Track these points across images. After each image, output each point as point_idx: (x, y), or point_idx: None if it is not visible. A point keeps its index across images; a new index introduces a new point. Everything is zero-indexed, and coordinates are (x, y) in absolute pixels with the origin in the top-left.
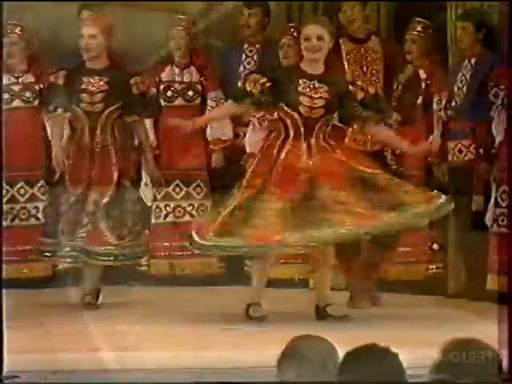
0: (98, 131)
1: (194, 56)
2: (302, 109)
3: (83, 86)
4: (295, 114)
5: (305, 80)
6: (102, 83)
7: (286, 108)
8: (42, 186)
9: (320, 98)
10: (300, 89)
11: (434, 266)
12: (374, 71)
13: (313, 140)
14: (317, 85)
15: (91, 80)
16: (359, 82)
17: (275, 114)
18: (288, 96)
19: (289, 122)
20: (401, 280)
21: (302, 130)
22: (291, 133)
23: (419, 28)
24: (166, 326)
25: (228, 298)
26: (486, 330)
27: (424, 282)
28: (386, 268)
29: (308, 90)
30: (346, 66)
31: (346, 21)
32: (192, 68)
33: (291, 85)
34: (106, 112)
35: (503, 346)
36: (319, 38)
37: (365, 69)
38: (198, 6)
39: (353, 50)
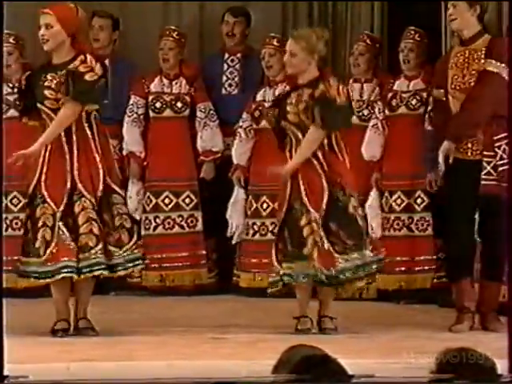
0: (73, 128)
1: (184, 67)
2: (289, 116)
3: (46, 84)
4: (286, 123)
5: (295, 90)
6: (62, 78)
7: (282, 121)
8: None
9: (303, 101)
10: (289, 100)
11: (441, 275)
12: (473, 71)
13: None
14: (301, 92)
15: (54, 75)
16: (458, 86)
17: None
18: (282, 108)
19: (289, 132)
20: (407, 289)
21: (299, 136)
22: (293, 141)
23: (417, 37)
24: (159, 335)
25: (219, 308)
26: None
27: (431, 291)
28: None
29: (294, 99)
30: (449, 72)
31: (448, 20)
32: (181, 79)
33: (286, 100)
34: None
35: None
36: (292, 55)
37: (465, 71)
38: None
39: (458, 53)
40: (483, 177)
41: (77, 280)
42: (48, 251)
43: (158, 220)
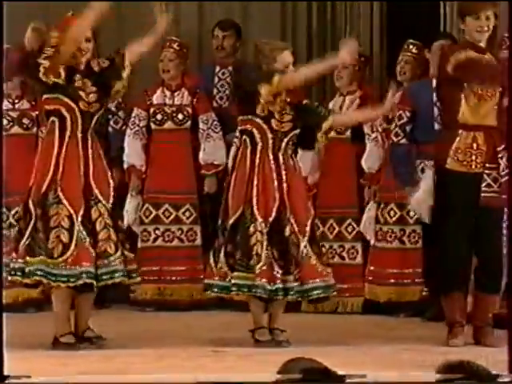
0: (89, 134)
1: (186, 78)
2: (273, 122)
3: (78, 85)
4: (265, 125)
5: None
6: (93, 83)
7: (257, 120)
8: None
9: (287, 114)
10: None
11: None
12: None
13: (280, 154)
14: (285, 106)
15: (85, 80)
16: (475, 89)
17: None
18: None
19: (258, 135)
20: (396, 302)
21: (270, 143)
22: (259, 146)
23: (414, 50)
24: (159, 348)
25: (217, 322)
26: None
27: (419, 304)
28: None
29: (279, 107)
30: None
31: (474, 27)
32: (183, 90)
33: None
34: (101, 112)
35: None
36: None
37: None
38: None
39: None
40: (483, 189)
41: (79, 294)
42: (68, 253)
43: (157, 232)
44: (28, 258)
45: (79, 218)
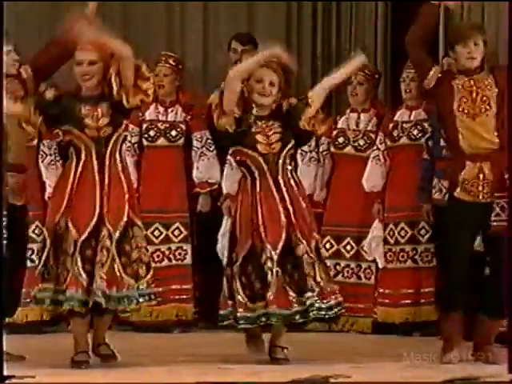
0: (107, 158)
1: (181, 94)
2: (259, 147)
3: (84, 112)
4: (254, 153)
5: (257, 121)
6: (104, 107)
7: (244, 149)
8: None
9: (274, 133)
10: (254, 129)
11: None
12: (484, 98)
13: (279, 177)
14: (269, 123)
15: (92, 107)
16: (466, 109)
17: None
18: (244, 137)
19: (250, 163)
20: (413, 322)
21: (265, 168)
22: (256, 174)
23: None
24: (165, 365)
25: (222, 339)
26: None
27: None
28: None
29: (261, 129)
30: (455, 94)
31: (464, 55)
32: (177, 107)
33: (245, 127)
34: (119, 133)
35: None
36: (271, 84)
37: (474, 95)
38: None
39: (462, 81)
40: (493, 218)
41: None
42: (68, 279)
43: None
44: (41, 285)
45: (79, 244)
